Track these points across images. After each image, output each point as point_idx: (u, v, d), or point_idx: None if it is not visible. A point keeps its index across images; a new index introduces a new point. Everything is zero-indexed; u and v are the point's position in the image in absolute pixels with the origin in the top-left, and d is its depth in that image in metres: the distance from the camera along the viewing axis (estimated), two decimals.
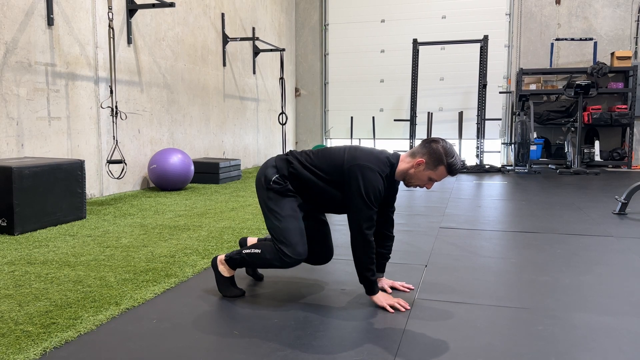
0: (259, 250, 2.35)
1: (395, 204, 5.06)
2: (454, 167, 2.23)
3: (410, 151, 2.33)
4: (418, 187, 2.35)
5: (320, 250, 2.53)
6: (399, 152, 2.38)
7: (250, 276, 2.72)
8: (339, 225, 4.07)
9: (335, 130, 11.01)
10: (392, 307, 2.26)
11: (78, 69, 5.18)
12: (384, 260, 2.54)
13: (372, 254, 2.24)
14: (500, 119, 9.94)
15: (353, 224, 2.23)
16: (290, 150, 2.46)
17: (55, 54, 4.91)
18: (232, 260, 2.43)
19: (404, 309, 2.26)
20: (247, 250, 2.39)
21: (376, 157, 2.27)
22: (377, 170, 2.22)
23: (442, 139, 2.27)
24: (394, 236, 2.53)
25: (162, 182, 5.93)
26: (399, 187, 2.48)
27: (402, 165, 2.30)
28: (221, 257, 2.49)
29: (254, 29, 8.99)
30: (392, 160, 2.30)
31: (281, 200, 2.33)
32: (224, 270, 2.47)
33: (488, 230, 3.98)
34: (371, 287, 2.29)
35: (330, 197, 2.32)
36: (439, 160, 2.22)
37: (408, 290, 2.52)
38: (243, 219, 4.34)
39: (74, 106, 5.15)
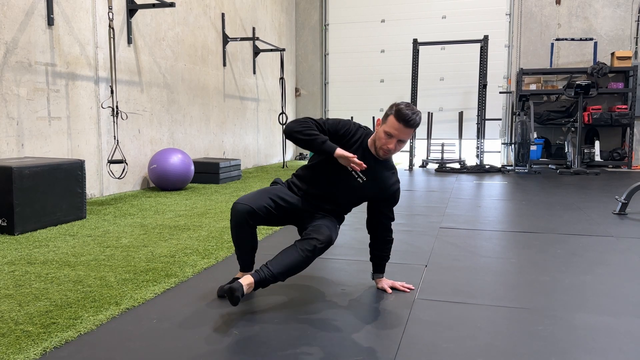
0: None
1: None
2: (401, 112, 2.20)
3: None
4: (383, 151, 2.31)
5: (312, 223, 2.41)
6: None
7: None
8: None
9: None
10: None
11: (78, 68, 5.18)
12: (383, 261, 2.54)
13: (304, 125, 2.27)
14: (500, 119, 9.94)
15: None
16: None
17: (56, 53, 4.91)
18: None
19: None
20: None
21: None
22: (350, 121, 2.42)
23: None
24: (392, 239, 2.54)
25: (162, 182, 5.93)
26: (400, 187, 2.49)
27: (373, 135, 2.41)
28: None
29: (254, 29, 8.99)
30: (368, 130, 2.44)
31: None
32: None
33: (488, 230, 3.98)
34: (326, 146, 2.25)
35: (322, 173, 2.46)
36: (389, 111, 2.27)
37: (408, 290, 2.52)
38: None
39: (74, 106, 5.15)
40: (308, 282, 2.66)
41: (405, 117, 2.19)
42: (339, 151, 2.23)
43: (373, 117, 10.15)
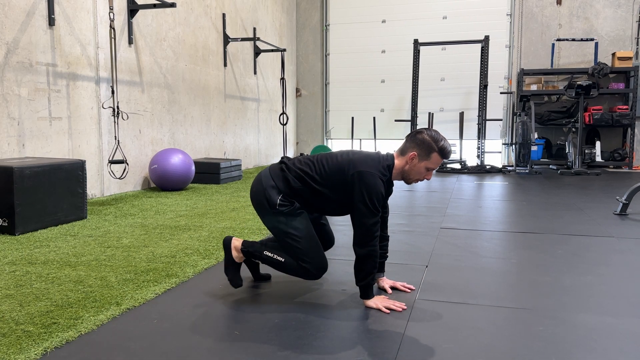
0: (282, 260, 2.38)
1: (396, 204, 5.07)
2: (446, 150, 2.29)
3: (399, 149, 2.37)
4: (418, 181, 2.39)
5: (322, 239, 2.58)
6: (390, 152, 2.40)
7: (257, 279, 2.70)
8: (339, 226, 4.07)
9: (336, 130, 11.01)
10: (387, 307, 2.26)
11: (79, 69, 5.19)
12: (383, 259, 2.55)
13: (377, 260, 2.27)
14: (501, 120, 9.93)
15: (361, 231, 2.23)
16: (283, 161, 2.43)
17: (57, 54, 4.91)
18: (250, 255, 2.46)
19: (400, 309, 2.26)
20: (270, 255, 2.40)
21: (375, 161, 2.29)
22: (378, 175, 2.24)
23: (426, 129, 2.32)
24: (388, 236, 2.56)
25: (163, 182, 5.94)
26: (395, 186, 2.51)
27: (397, 163, 2.34)
28: (237, 243, 2.47)
29: (254, 29, 9.00)
30: (389, 163, 2.32)
31: (293, 220, 2.34)
32: (236, 256, 2.48)
33: (489, 230, 3.98)
34: (370, 291, 2.31)
35: (327, 200, 2.36)
36: (430, 148, 2.28)
37: (409, 290, 2.52)
38: (244, 219, 4.34)
39: (75, 106, 5.15)
40: (308, 282, 2.66)
41: (449, 154, 2.33)
42: (371, 303, 2.28)
43: (374, 118, 10.15)
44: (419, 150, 2.28)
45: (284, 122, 8.96)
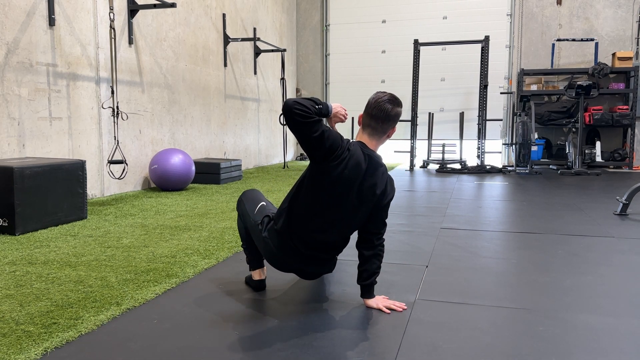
0: None
1: (396, 204, 5.07)
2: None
3: (375, 132, 2.25)
4: None
5: None
6: (362, 143, 2.25)
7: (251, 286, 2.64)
8: None
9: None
10: (388, 307, 2.26)
11: (79, 69, 5.19)
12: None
13: (381, 260, 2.33)
14: (501, 120, 9.93)
15: (376, 237, 2.28)
16: (335, 254, 2.40)
17: (57, 54, 4.92)
18: None
19: (401, 309, 2.25)
20: None
21: (385, 168, 2.29)
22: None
23: (386, 100, 2.22)
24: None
25: (163, 182, 5.94)
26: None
27: (380, 145, 2.32)
28: None
29: (255, 29, 9.00)
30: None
31: None
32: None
33: (489, 230, 3.98)
34: (371, 290, 2.32)
35: None
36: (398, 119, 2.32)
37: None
38: None
39: (75, 106, 5.15)
40: (308, 283, 2.66)
41: None
42: (372, 302, 2.31)
43: None
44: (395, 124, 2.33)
45: (284, 123, 8.95)
